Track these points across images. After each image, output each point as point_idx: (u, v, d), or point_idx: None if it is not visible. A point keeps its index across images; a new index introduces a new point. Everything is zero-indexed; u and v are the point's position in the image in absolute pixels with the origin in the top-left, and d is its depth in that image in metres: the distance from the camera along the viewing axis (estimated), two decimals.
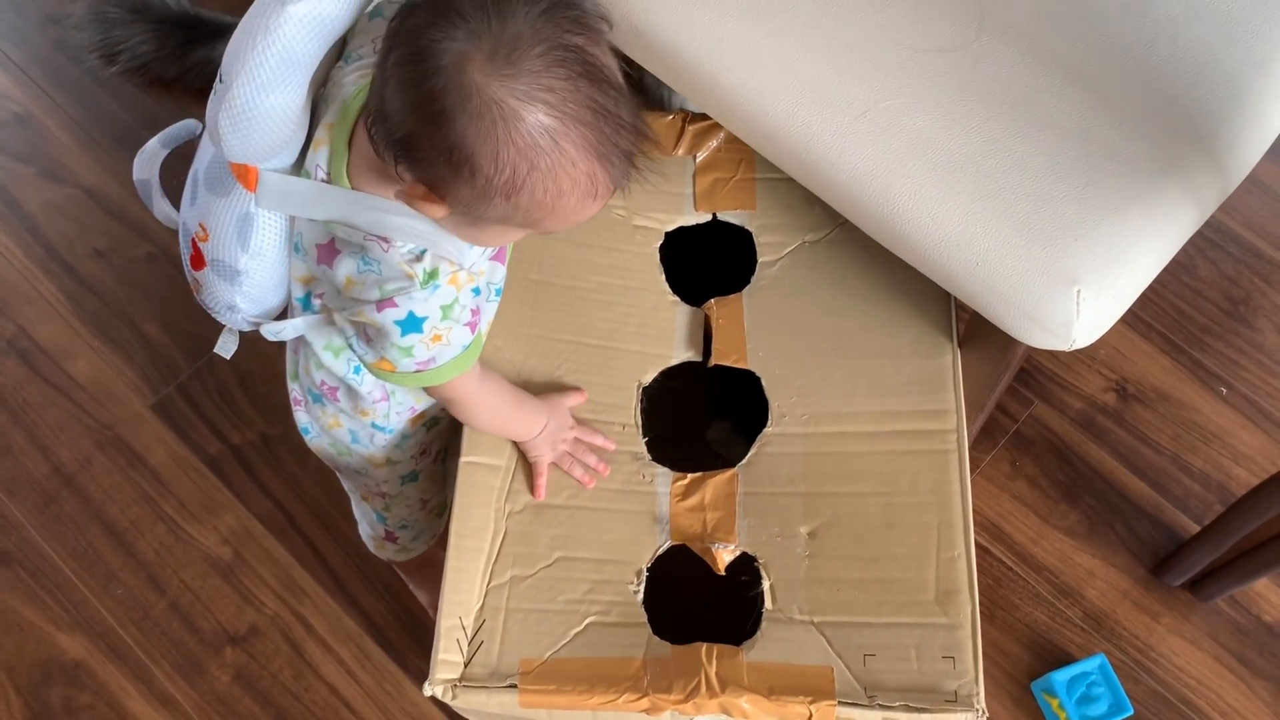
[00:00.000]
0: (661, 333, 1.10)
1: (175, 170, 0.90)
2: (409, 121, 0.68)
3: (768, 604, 0.97)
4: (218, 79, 0.77)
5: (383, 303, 0.78)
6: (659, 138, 1.15)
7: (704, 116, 1.14)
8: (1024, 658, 1.28)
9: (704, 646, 0.95)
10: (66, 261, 1.47)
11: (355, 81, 0.78)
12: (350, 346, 0.86)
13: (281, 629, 1.29)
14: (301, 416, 1.01)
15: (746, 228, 1.12)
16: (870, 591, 0.97)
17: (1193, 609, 1.31)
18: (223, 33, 1.52)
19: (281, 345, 0.95)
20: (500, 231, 0.78)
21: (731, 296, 1.10)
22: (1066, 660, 1.27)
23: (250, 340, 1.41)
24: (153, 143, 0.92)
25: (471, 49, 0.65)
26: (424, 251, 0.78)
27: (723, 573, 1.00)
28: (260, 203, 0.79)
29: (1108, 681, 1.23)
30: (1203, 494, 1.37)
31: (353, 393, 0.94)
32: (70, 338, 1.43)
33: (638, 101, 0.72)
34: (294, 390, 1.00)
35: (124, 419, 1.39)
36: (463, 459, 1.01)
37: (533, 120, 0.66)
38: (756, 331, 1.09)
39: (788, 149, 0.94)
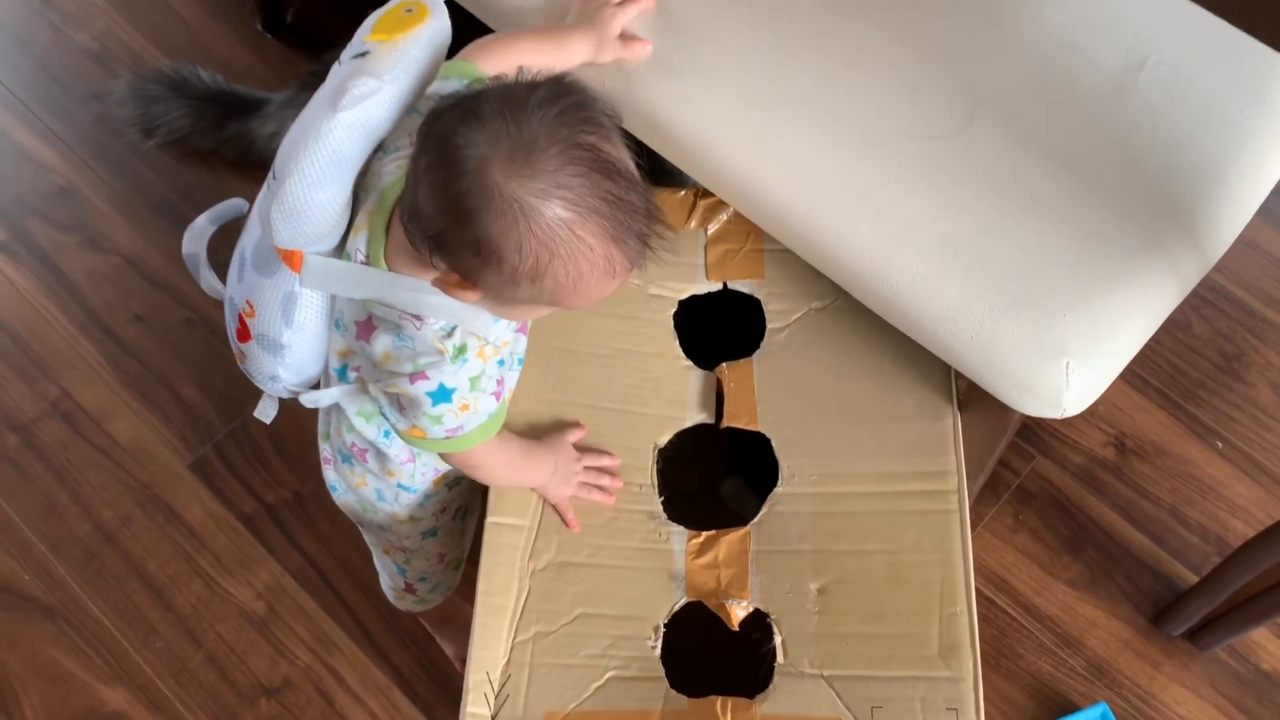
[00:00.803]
0: (676, 396, 1.16)
1: (220, 246, 0.96)
2: (440, 220, 0.75)
3: (780, 658, 1.02)
4: (270, 175, 0.84)
5: (415, 375, 0.85)
6: (672, 212, 1.21)
7: (707, 192, 1.20)
8: (1029, 706, 1.32)
9: (719, 700, 1.00)
10: (108, 326, 1.54)
11: (393, 172, 0.85)
12: (383, 414, 0.92)
13: (314, 681, 1.34)
14: (330, 475, 1.07)
15: (755, 296, 1.19)
16: (877, 646, 1.02)
17: (1193, 658, 1.35)
18: (256, 107, 1.60)
19: (314, 409, 1.01)
20: (528, 309, 0.85)
21: (742, 361, 1.16)
22: (1070, 708, 1.31)
23: (284, 403, 1.48)
24: (201, 219, 0.98)
25: (492, 153, 0.72)
26: (454, 328, 0.85)
27: (736, 628, 1.05)
28: (304, 283, 0.86)
29: None
30: (1200, 545, 1.41)
31: (381, 455, 1.00)
32: (111, 400, 1.50)
33: (648, 187, 0.78)
34: (324, 450, 1.06)
35: (162, 478, 1.45)
36: (489, 519, 1.07)
37: (550, 214, 0.73)
38: (766, 395, 1.15)
39: (792, 229, 1.01)
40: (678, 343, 1.17)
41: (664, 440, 1.13)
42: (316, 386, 0.98)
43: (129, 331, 1.54)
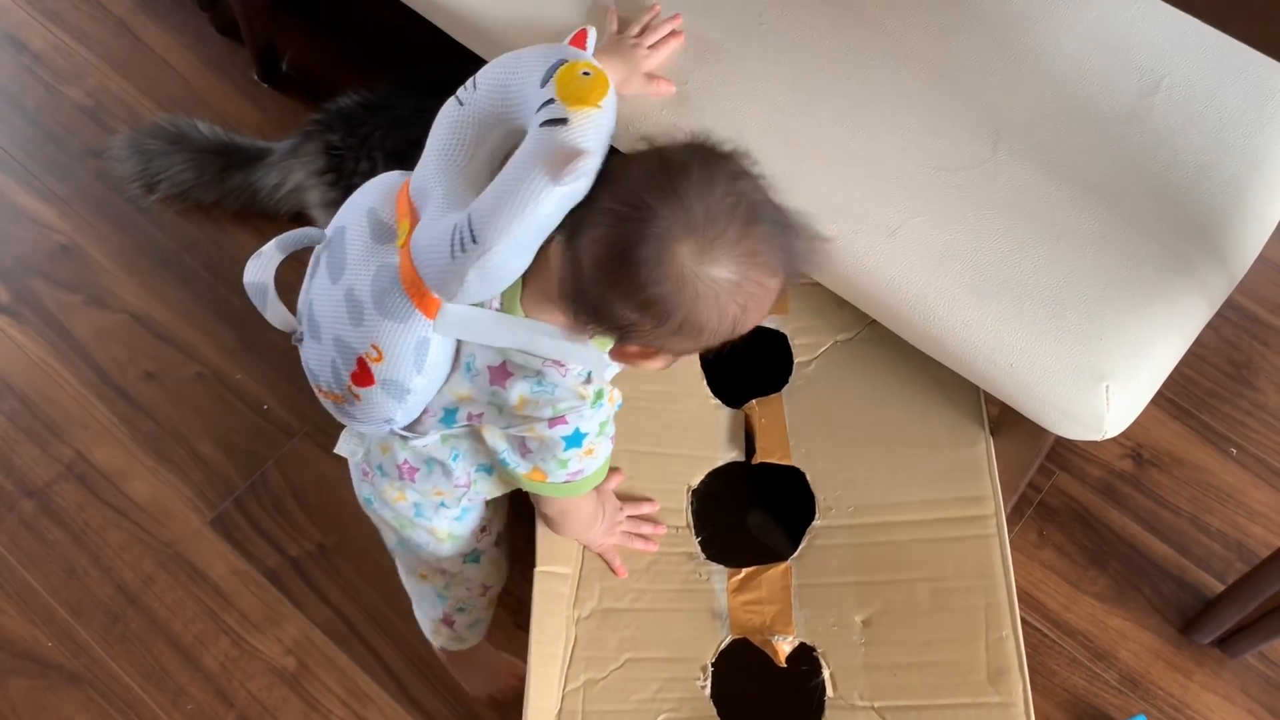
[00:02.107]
0: (706, 435, 1.16)
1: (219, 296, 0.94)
2: (632, 316, 0.78)
3: (829, 692, 1.02)
4: (469, 238, 0.79)
5: (555, 420, 0.86)
6: None
7: None
8: None
9: None
10: (118, 385, 1.53)
11: None
12: (502, 459, 0.92)
13: None
14: (366, 489, 1.06)
15: (781, 331, 1.19)
16: (925, 674, 1.02)
17: (1223, 665, 1.36)
18: (259, 158, 1.59)
19: (333, 454, 1.01)
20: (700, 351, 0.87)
21: (772, 397, 1.17)
22: None
23: (303, 454, 1.47)
24: (269, 247, 0.95)
25: (674, 244, 0.74)
26: (589, 373, 0.86)
27: (784, 664, 1.05)
28: (438, 329, 0.85)
29: None
30: (1223, 552, 1.43)
31: (443, 472, 0.98)
32: (126, 459, 1.48)
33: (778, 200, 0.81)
34: (363, 463, 1.03)
35: (183, 537, 1.44)
36: (538, 568, 1.06)
37: (738, 280, 0.77)
38: (798, 429, 1.15)
39: (825, 266, 1.01)
40: (705, 382, 1.18)
41: (697, 480, 1.14)
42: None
43: (140, 389, 1.53)
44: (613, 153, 0.80)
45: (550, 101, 0.79)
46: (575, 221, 0.78)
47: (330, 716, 1.34)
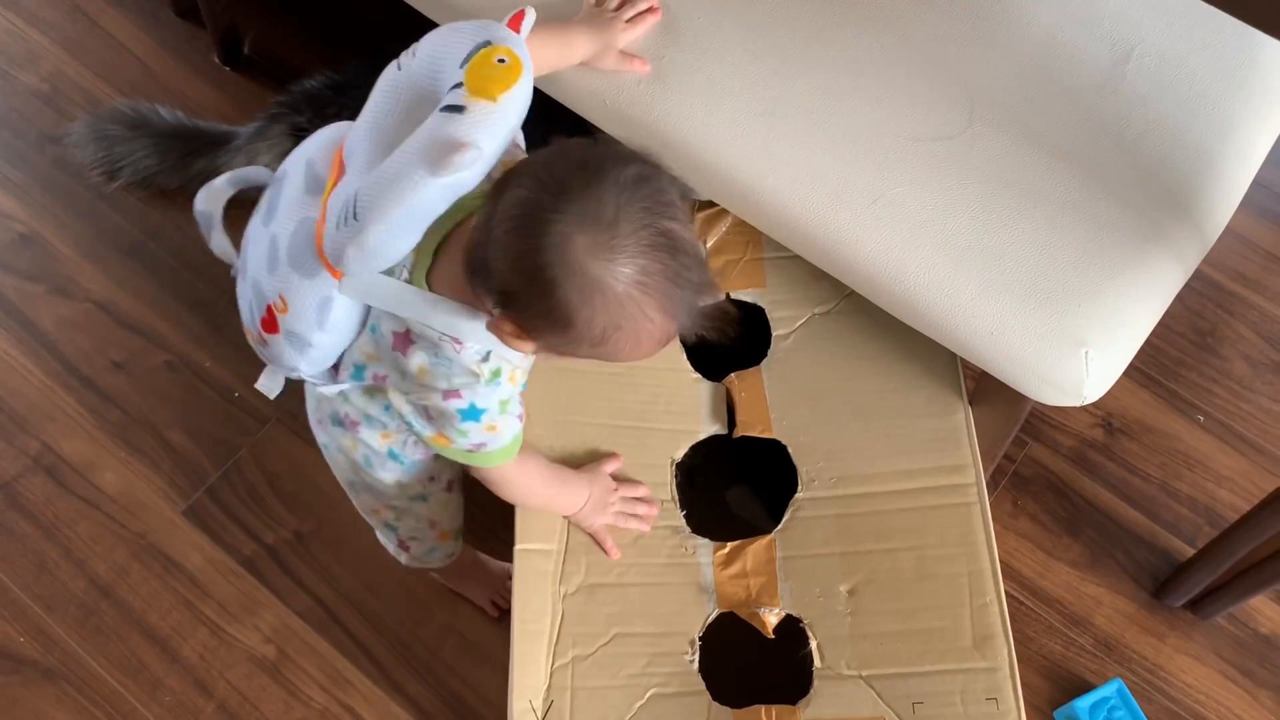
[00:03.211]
0: (688, 409, 1.16)
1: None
2: (514, 282, 0.77)
3: (817, 662, 1.03)
4: (351, 215, 0.80)
5: (449, 393, 0.86)
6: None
7: (711, 204, 1.21)
8: (1044, 688, 1.35)
9: (763, 709, 1.01)
10: (85, 375, 1.50)
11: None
12: (408, 421, 0.92)
13: None
14: (321, 435, 1.07)
15: (759, 304, 1.19)
16: (911, 642, 1.03)
17: (1195, 627, 1.39)
18: (223, 142, 1.57)
19: (306, 439, 1.01)
20: (572, 360, 0.85)
21: (751, 370, 1.17)
22: (1084, 687, 1.34)
23: (275, 441, 1.46)
24: (220, 180, 0.98)
25: (576, 231, 0.74)
26: (489, 352, 0.86)
27: (771, 635, 1.05)
28: (343, 290, 0.85)
29: (1127, 705, 1.30)
30: (1192, 517, 1.45)
31: (377, 423, 1.00)
32: (95, 450, 1.46)
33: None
34: (316, 411, 1.05)
35: (156, 527, 1.42)
36: (517, 546, 1.06)
37: (625, 293, 0.76)
38: (778, 402, 1.15)
39: (805, 237, 1.02)
40: (685, 356, 1.18)
41: (680, 454, 1.14)
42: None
43: (108, 379, 1.50)
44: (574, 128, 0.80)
45: (459, 85, 0.79)
46: (504, 182, 0.78)
47: (312, 704, 1.33)
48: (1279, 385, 1.53)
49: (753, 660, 1.06)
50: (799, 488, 1.11)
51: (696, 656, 1.04)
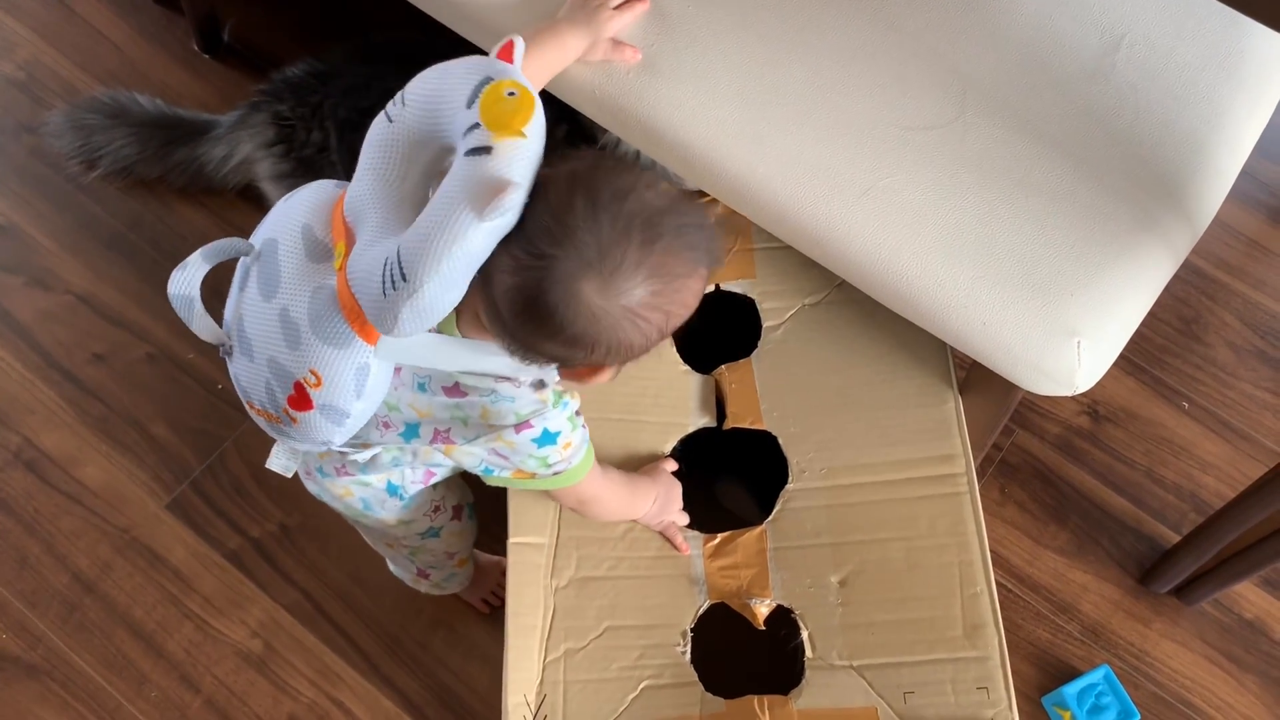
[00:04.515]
0: (677, 402, 1.16)
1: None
2: (559, 350, 0.79)
3: (808, 652, 1.03)
4: (399, 276, 0.77)
5: (521, 426, 0.87)
6: None
7: (700, 193, 1.20)
8: (1032, 674, 1.35)
9: (755, 699, 1.01)
10: (65, 368, 1.48)
11: None
12: (484, 470, 0.93)
13: (319, 715, 1.31)
14: (312, 486, 1.05)
15: (749, 295, 1.19)
16: (902, 632, 1.03)
17: (1180, 613, 1.40)
18: (203, 131, 1.54)
19: None
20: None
21: (741, 362, 1.17)
22: (1071, 673, 1.35)
23: (258, 434, 1.43)
24: (195, 258, 0.91)
25: (580, 286, 0.75)
26: (541, 380, 0.87)
27: (762, 626, 1.05)
28: (380, 355, 0.83)
29: (1114, 690, 1.31)
30: (1177, 504, 1.46)
31: (374, 463, 0.98)
32: (77, 444, 1.44)
33: (686, 195, 0.81)
34: (305, 465, 1.03)
35: (140, 521, 1.40)
36: (510, 540, 1.05)
37: (652, 295, 0.77)
38: (769, 393, 1.15)
39: (797, 228, 1.01)
40: (674, 348, 1.17)
41: (669, 447, 1.13)
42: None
43: (89, 372, 1.48)
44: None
45: (476, 126, 0.76)
46: (485, 266, 0.77)
47: (300, 698, 1.32)
48: (1263, 372, 1.54)
49: (744, 651, 1.06)
50: (790, 479, 1.11)
51: (688, 648, 1.04)
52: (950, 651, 1.02)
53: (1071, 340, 0.94)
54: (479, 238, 0.74)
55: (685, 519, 1.11)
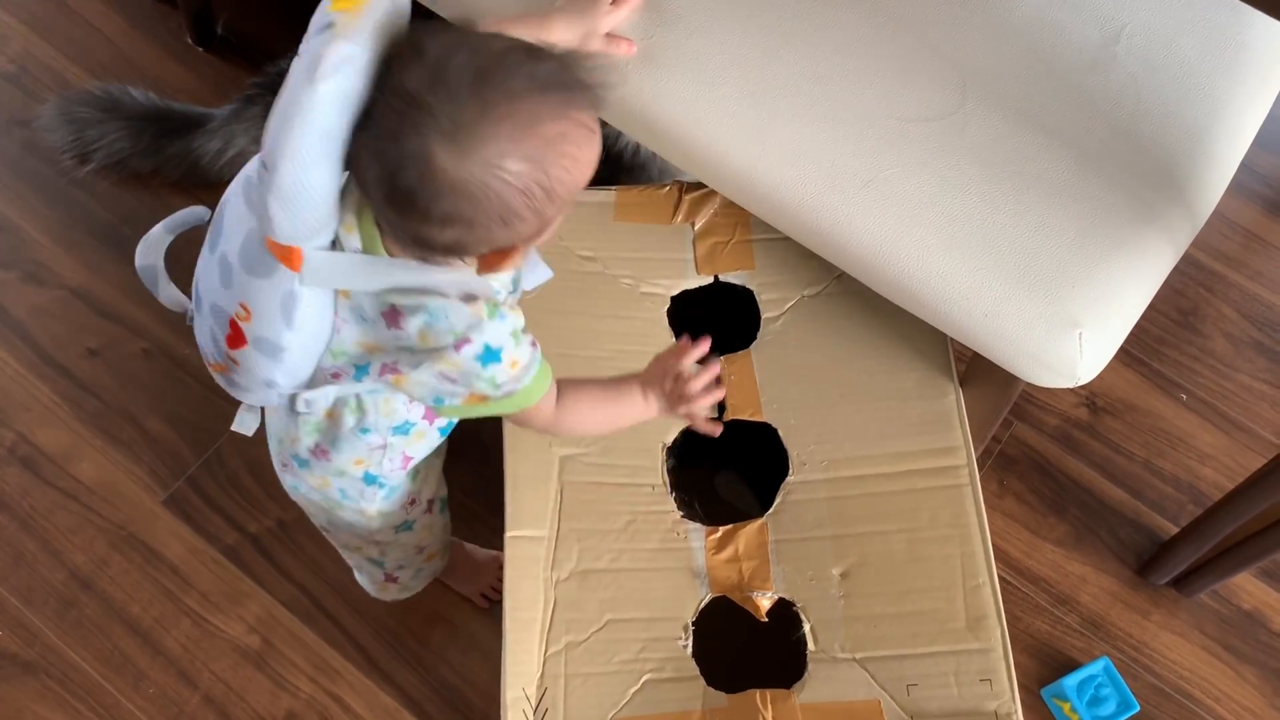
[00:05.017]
0: None
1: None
2: (444, 234, 0.77)
3: (810, 645, 1.03)
4: (260, 166, 0.79)
5: (460, 343, 0.83)
6: (658, 208, 1.21)
7: (699, 185, 1.20)
8: (1031, 666, 1.36)
9: (758, 693, 1.00)
10: (60, 364, 1.47)
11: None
12: (437, 400, 0.89)
13: (318, 711, 1.30)
14: (288, 479, 1.05)
15: (748, 287, 1.19)
16: (905, 624, 1.03)
17: (1179, 605, 1.40)
18: (197, 124, 1.54)
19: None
20: (556, 223, 0.83)
21: (740, 353, 1.16)
22: (1070, 665, 1.35)
23: (257, 428, 1.43)
24: (157, 229, 0.95)
25: (431, 155, 0.73)
26: (473, 295, 0.83)
27: (764, 619, 1.05)
28: (305, 281, 0.82)
29: (1113, 682, 1.31)
30: (1175, 495, 1.46)
31: (351, 449, 0.97)
32: (72, 440, 1.43)
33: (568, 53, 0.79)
34: (279, 455, 1.03)
35: (136, 517, 1.39)
36: (508, 534, 1.05)
37: (515, 145, 0.74)
38: (768, 385, 1.15)
39: (798, 220, 1.01)
40: (674, 339, 1.17)
41: (671, 438, 1.13)
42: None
43: (84, 367, 1.47)
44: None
45: (325, 12, 0.77)
46: (355, 165, 0.77)
47: (299, 694, 1.31)
48: (1260, 363, 1.55)
49: (746, 644, 1.06)
50: (790, 471, 1.11)
51: (690, 641, 1.03)
52: (953, 643, 1.02)
53: (1073, 331, 0.94)
54: (319, 104, 0.73)
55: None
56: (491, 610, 1.34)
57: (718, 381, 0.98)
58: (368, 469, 1.00)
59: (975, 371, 1.09)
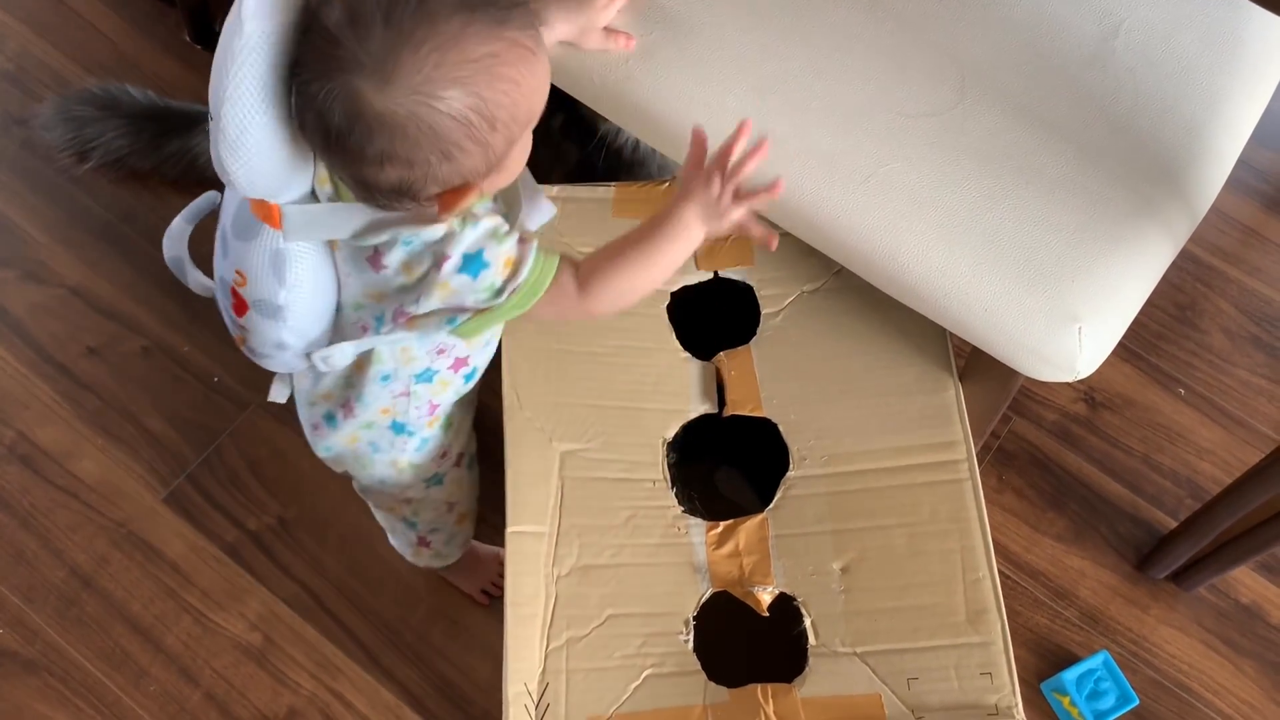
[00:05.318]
0: (678, 389, 1.15)
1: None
2: (387, 176, 0.76)
3: (811, 640, 1.03)
4: (210, 120, 0.79)
5: (441, 259, 0.82)
6: (657, 205, 1.21)
7: None
8: (1031, 660, 1.36)
9: (759, 687, 1.01)
10: (60, 362, 1.48)
11: None
12: (452, 325, 0.87)
13: (320, 708, 1.31)
14: (320, 441, 1.05)
15: (747, 283, 1.19)
16: (905, 618, 1.03)
17: (1178, 599, 1.40)
18: (196, 122, 1.54)
19: (288, 424, 1.00)
20: (519, 151, 0.82)
21: (740, 349, 1.16)
22: (1070, 659, 1.35)
23: (256, 426, 1.44)
24: (178, 221, 0.96)
25: (356, 94, 0.72)
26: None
27: (765, 614, 1.05)
28: (287, 236, 0.83)
29: (1113, 676, 1.32)
30: (1174, 490, 1.47)
31: (377, 399, 0.97)
32: (72, 438, 1.43)
33: None
34: (310, 418, 1.04)
35: (137, 515, 1.40)
36: (508, 529, 1.05)
37: (441, 73, 0.72)
38: (768, 380, 1.15)
39: (798, 215, 1.01)
40: (673, 335, 1.17)
41: (670, 433, 1.13)
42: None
43: (83, 365, 1.47)
44: None
45: None
46: (298, 116, 0.76)
47: (300, 690, 1.32)
48: (1258, 358, 1.55)
49: (747, 639, 1.06)
50: (790, 466, 1.11)
51: (691, 636, 1.03)
52: (953, 637, 1.02)
53: (1073, 326, 0.94)
54: (246, 45, 0.72)
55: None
56: (492, 607, 1.35)
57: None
58: (395, 418, 1.01)
59: (974, 366, 1.10)
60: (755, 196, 0.88)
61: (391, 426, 1.02)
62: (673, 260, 0.91)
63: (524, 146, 0.83)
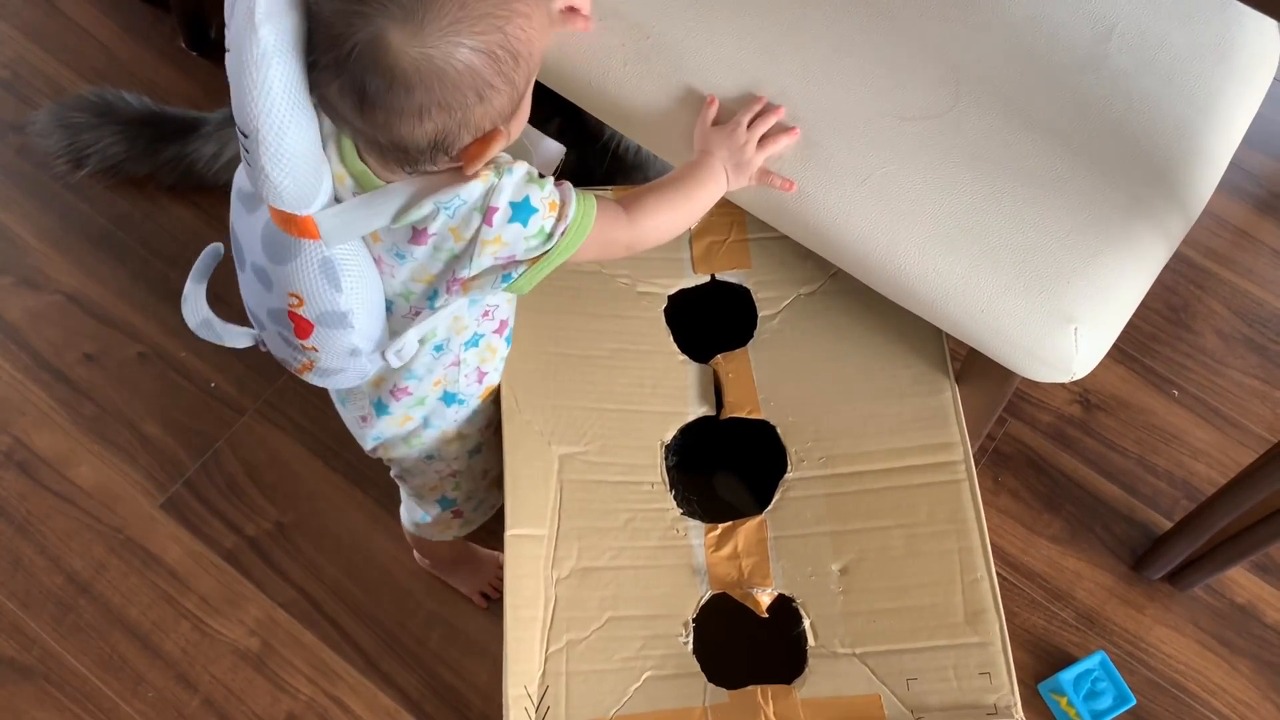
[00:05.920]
0: (675, 391, 1.16)
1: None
2: (424, 134, 0.76)
3: (811, 641, 1.03)
4: (243, 135, 0.78)
5: (490, 213, 0.82)
6: None
7: None
8: (1028, 661, 1.36)
9: (759, 689, 1.01)
10: (56, 368, 1.47)
11: None
12: (505, 283, 0.88)
13: (318, 713, 1.31)
14: (369, 432, 1.05)
15: (744, 285, 1.19)
16: (904, 619, 1.04)
17: (1173, 599, 1.41)
18: (192, 128, 1.54)
19: (285, 429, 1.00)
20: (529, 91, 0.83)
21: (738, 351, 1.17)
22: (1067, 660, 1.36)
23: (254, 431, 1.44)
24: (189, 285, 0.95)
25: (392, 49, 0.72)
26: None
27: (765, 615, 1.06)
28: (330, 241, 0.83)
29: (1110, 676, 1.32)
30: (1169, 491, 1.48)
31: (429, 372, 0.98)
32: (69, 445, 1.43)
33: None
34: (356, 410, 1.04)
35: (134, 521, 1.39)
36: (508, 533, 1.05)
37: (470, 10, 0.73)
38: (766, 383, 1.15)
39: (795, 218, 1.02)
40: (671, 338, 1.17)
41: (669, 436, 1.13)
42: None
43: (80, 372, 1.47)
44: None
45: None
46: (320, 103, 0.77)
47: (299, 696, 1.31)
48: (1251, 359, 1.56)
49: (747, 641, 1.07)
50: (788, 468, 1.11)
51: (691, 638, 1.04)
52: (952, 638, 1.03)
53: (1068, 327, 0.95)
54: (265, 55, 0.73)
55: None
56: (490, 610, 1.35)
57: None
58: (446, 388, 1.02)
59: (971, 367, 1.10)
60: (776, 140, 0.98)
61: (443, 398, 1.02)
62: (704, 203, 0.99)
63: (528, 98, 0.84)
